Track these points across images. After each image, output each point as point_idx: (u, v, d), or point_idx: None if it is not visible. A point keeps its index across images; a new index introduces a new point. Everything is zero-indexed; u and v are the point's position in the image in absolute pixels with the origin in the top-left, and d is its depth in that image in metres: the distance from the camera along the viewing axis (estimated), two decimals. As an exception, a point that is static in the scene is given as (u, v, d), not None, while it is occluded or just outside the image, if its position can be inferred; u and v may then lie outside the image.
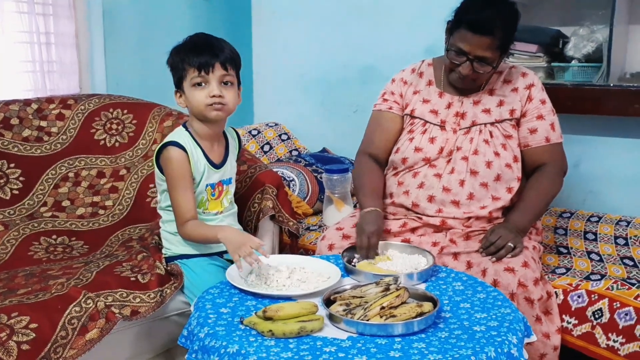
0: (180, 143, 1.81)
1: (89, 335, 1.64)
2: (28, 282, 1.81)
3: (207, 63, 1.77)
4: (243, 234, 1.77)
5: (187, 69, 1.79)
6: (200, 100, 1.79)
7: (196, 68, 1.77)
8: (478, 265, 1.87)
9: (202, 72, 1.77)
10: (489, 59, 1.95)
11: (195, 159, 1.83)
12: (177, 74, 1.82)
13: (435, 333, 1.38)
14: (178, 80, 1.83)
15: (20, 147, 2.35)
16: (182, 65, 1.80)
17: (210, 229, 1.81)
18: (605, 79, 2.48)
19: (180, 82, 1.82)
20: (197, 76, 1.78)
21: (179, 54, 1.81)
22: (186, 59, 1.79)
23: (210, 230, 1.80)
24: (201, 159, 1.85)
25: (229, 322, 1.43)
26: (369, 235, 1.85)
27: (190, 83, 1.80)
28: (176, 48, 1.84)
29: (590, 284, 1.95)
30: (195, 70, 1.78)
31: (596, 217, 2.47)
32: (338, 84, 3.35)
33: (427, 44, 2.92)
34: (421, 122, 2.13)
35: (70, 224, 2.30)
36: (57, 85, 2.75)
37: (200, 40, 1.83)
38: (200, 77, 1.78)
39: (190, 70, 1.78)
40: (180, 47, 1.83)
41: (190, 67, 1.78)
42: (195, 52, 1.78)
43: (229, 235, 1.74)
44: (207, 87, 1.79)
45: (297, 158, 3.08)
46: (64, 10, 2.74)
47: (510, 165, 2.03)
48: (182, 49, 1.82)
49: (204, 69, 1.77)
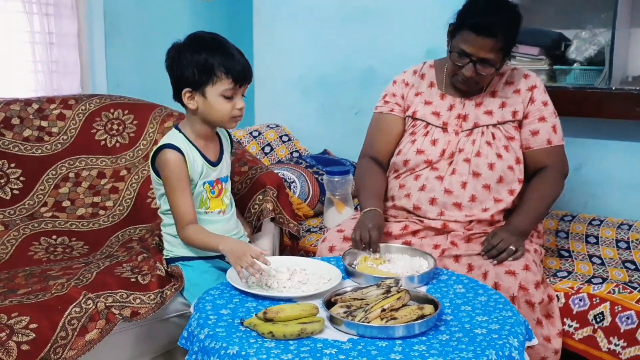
0: (175, 145, 1.79)
1: (88, 336, 1.64)
2: (28, 282, 1.80)
3: (245, 78, 1.75)
4: (243, 244, 1.75)
5: (221, 76, 1.73)
6: (227, 112, 1.77)
7: (233, 80, 1.74)
8: (479, 268, 1.87)
9: (237, 85, 1.75)
10: (492, 61, 1.95)
11: (192, 159, 1.82)
12: (204, 76, 1.74)
13: (436, 336, 1.38)
14: (199, 81, 1.75)
15: (21, 147, 2.35)
16: (215, 71, 1.73)
17: (211, 237, 1.79)
18: (607, 82, 2.48)
19: (202, 85, 1.75)
20: (231, 88, 1.75)
21: (211, 54, 1.73)
22: (223, 66, 1.73)
23: (211, 239, 1.78)
24: (198, 159, 1.84)
25: (229, 323, 1.43)
26: (370, 229, 1.85)
27: (220, 91, 1.75)
28: (200, 46, 1.75)
29: (591, 287, 1.95)
30: (232, 82, 1.74)
31: (598, 220, 2.46)
32: (339, 86, 3.34)
33: (427, 46, 2.92)
34: (423, 124, 2.12)
35: (70, 224, 2.30)
36: (59, 85, 2.75)
37: (230, 46, 1.77)
38: (232, 90, 1.76)
39: (226, 81, 1.74)
40: (208, 47, 1.75)
41: (227, 77, 1.74)
42: (232, 60, 1.74)
43: (230, 246, 1.72)
44: (234, 99, 1.77)
45: (298, 159, 3.07)
46: (66, 11, 2.74)
47: (512, 167, 2.03)
48: (214, 50, 1.74)
49: (239, 83, 1.75)
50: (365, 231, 1.85)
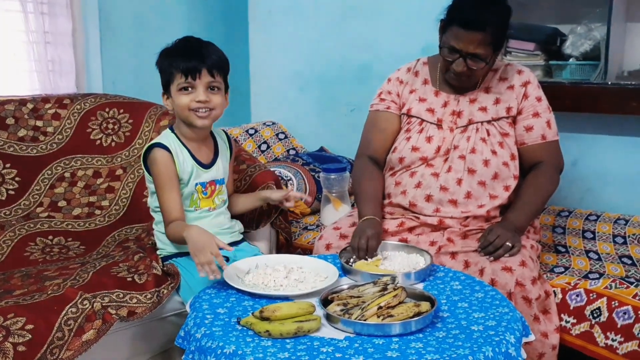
0: (164, 144, 1.82)
1: (85, 336, 1.63)
2: (24, 283, 1.80)
3: (194, 68, 1.79)
4: (207, 235, 1.65)
5: (175, 73, 1.80)
6: (185, 105, 1.81)
7: (183, 73, 1.79)
8: (476, 264, 1.87)
9: (189, 77, 1.79)
10: (482, 55, 1.95)
11: (181, 160, 1.84)
12: (165, 78, 1.84)
13: (433, 333, 1.38)
14: (166, 84, 1.85)
15: (16, 147, 2.34)
16: (169, 70, 1.81)
17: (180, 226, 1.75)
18: (603, 77, 2.48)
19: (168, 86, 1.84)
20: (184, 82, 1.79)
21: (167, 57, 1.83)
22: (174, 64, 1.80)
23: (181, 228, 1.73)
24: (188, 160, 1.86)
25: (226, 322, 1.43)
26: (369, 237, 1.84)
27: (177, 87, 1.81)
28: (165, 51, 1.85)
29: (588, 282, 1.95)
30: (182, 75, 1.79)
31: (594, 215, 2.46)
32: (335, 83, 3.34)
33: (423, 42, 2.92)
34: (418, 121, 2.12)
35: (66, 225, 2.29)
36: (54, 85, 2.74)
37: (189, 45, 1.84)
38: (186, 83, 1.80)
39: (178, 75, 1.80)
40: (169, 50, 1.84)
41: (177, 72, 1.79)
42: (183, 57, 1.79)
43: (193, 235, 1.66)
44: (193, 92, 1.81)
45: (294, 157, 3.07)
46: (61, 9, 2.73)
47: (507, 164, 2.02)
48: (171, 53, 1.83)
49: (191, 75, 1.79)
50: (364, 239, 1.85)
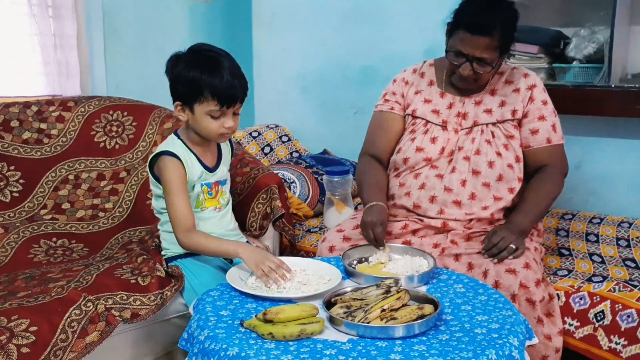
0: (173, 152, 1.80)
1: (89, 338, 1.64)
2: (28, 284, 1.80)
3: (232, 100, 1.73)
4: (261, 251, 1.73)
5: (208, 97, 1.72)
6: (214, 130, 1.77)
7: (219, 102, 1.73)
8: (479, 266, 1.87)
9: (224, 107, 1.74)
10: (488, 60, 1.95)
11: (190, 165, 1.83)
12: (191, 94, 1.74)
13: (436, 335, 1.38)
14: (188, 99, 1.76)
15: (20, 150, 2.35)
16: (200, 90, 1.72)
17: (226, 244, 1.78)
18: (607, 79, 2.48)
19: (191, 101, 1.75)
20: (217, 110, 1.74)
21: (197, 74, 1.72)
22: (209, 88, 1.71)
23: (228, 246, 1.76)
24: (196, 165, 1.85)
25: (229, 324, 1.43)
26: (372, 226, 1.85)
27: (206, 110, 1.74)
28: (190, 63, 1.74)
29: (592, 285, 1.95)
30: (217, 104, 1.73)
31: (598, 218, 2.46)
32: (338, 86, 3.35)
33: (426, 45, 2.92)
34: (423, 122, 2.12)
35: (70, 227, 2.29)
36: (59, 87, 2.74)
37: (222, 66, 1.73)
38: (219, 111, 1.75)
39: (212, 102, 1.73)
40: (199, 65, 1.73)
41: (212, 99, 1.72)
42: (220, 85, 1.71)
43: (249, 252, 1.70)
44: (222, 118, 1.76)
45: (297, 160, 3.07)
46: (66, 12, 2.74)
47: (512, 166, 2.02)
48: (203, 69, 1.72)
49: (227, 105, 1.74)
50: (369, 230, 1.85)
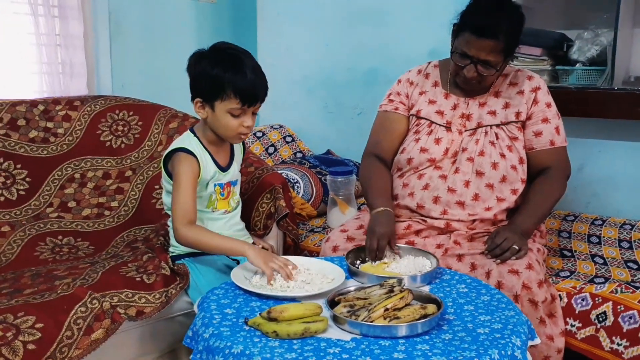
0: (189, 149, 1.81)
1: (94, 335, 1.65)
2: (34, 282, 1.82)
3: (254, 99, 1.76)
4: (268, 252, 1.74)
5: (230, 95, 1.74)
6: (233, 129, 1.79)
7: (241, 101, 1.74)
8: (482, 267, 1.88)
9: (246, 105, 1.76)
10: (493, 62, 1.96)
11: (205, 163, 1.84)
12: (213, 91, 1.76)
13: (439, 335, 1.39)
14: (210, 95, 1.77)
15: (27, 148, 2.36)
16: (224, 88, 1.74)
17: (229, 241, 1.79)
18: (610, 82, 2.49)
19: (213, 98, 1.77)
20: (239, 108, 1.76)
21: (223, 71, 1.74)
22: (233, 86, 1.73)
23: (228, 243, 1.78)
24: (210, 164, 1.86)
25: (233, 322, 1.44)
26: (379, 237, 1.85)
27: (227, 108, 1.76)
28: (216, 61, 1.76)
29: (594, 287, 1.96)
30: (239, 102, 1.75)
31: (600, 220, 2.47)
32: (342, 86, 3.35)
33: (431, 46, 2.93)
34: (427, 122, 2.13)
35: (76, 225, 2.31)
36: (65, 87, 2.76)
37: (245, 65, 1.76)
38: (240, 110, 1.77)
39: (234, 100, 1.74)
40: (223, 62, 1.75)
41: (235, 97, 1.74)
42: (244, 84, 1.74)
43: (254, 250, 1.71)
44: (241, 117, 1.78)
45: (301, 160, 3.09)
46: (72, 12, 2.75)
47: (515, 167, 2.03)
48: (227, 67, 1.74)
49: (248, 104, 1.76)
50: (375, 240, 1.84)
